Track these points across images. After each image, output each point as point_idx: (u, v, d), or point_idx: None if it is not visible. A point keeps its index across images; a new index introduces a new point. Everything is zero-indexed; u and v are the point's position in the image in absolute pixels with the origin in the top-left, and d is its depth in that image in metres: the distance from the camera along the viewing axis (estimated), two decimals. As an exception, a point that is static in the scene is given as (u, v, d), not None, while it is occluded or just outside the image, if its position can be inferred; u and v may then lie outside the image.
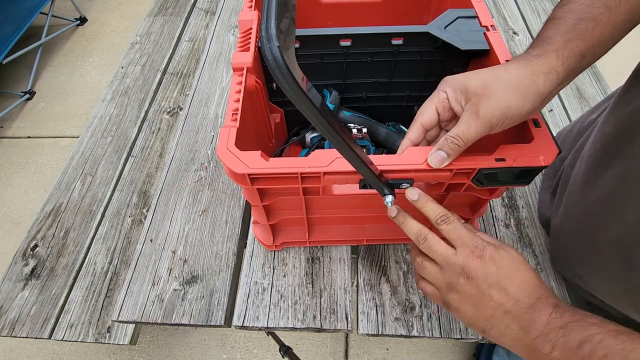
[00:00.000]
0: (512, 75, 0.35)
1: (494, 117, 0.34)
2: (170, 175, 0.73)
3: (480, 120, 0.34)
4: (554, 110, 0.83)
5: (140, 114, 0.91)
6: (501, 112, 0.34)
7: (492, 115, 0.34)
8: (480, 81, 0.35)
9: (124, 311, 0.58)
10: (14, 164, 1.69)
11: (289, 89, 0.25)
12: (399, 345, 1.21)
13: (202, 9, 1.16)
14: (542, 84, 0.34)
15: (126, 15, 2.33)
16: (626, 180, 0.41)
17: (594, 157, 0.48)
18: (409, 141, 0.40)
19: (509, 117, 0.35)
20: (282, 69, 0.24)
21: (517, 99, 0.34)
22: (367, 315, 0.56)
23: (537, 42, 0.37)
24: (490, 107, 0.34)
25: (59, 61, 2.09)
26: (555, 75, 0.34)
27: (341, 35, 0.52)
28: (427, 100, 0.40)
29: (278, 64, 0.24)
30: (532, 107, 0.35)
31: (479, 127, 0.35)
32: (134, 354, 1.24)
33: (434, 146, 0.37)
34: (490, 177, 0.40)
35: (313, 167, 0.39)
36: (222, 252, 0.64)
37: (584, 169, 0.50)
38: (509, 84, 0.34)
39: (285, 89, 0.25)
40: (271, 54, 0.24)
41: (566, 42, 0.35)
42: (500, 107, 0.34)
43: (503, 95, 0.34)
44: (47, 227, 0.76)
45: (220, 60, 0.94)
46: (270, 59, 0.24)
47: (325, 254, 0.62)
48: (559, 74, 0.35)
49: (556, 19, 0.37)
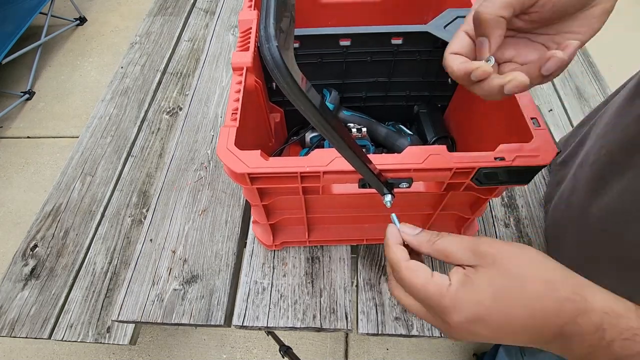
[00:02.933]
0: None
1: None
2: (170, 175, 0.73)
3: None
4: (553, 110, 0.84)
5: (140, 113, 0.91)
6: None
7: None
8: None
9: (124, 311, 0.58)
10: (13, 164, 1.69)
11: (288, 89, 0.25)
12: (398, 345, 1.21)
13: (202, 8, 1.16)
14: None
15: (126, 15, 2.33)
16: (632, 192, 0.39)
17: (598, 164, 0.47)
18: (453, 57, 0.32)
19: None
20: (281, 69, 0.24)
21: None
22: (366, 315, 0.56)
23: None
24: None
25: (58, 61, 2.09)
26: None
27: (341, 35, 0.52)
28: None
29: (277, 64, 0.24)
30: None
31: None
32: (133, 354, 1.24)
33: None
34: (489, 176, 0.40)
35: (313, 167, 0.39)
36: (222, 251, 0.64)
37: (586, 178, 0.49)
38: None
39: (284, 88, 0.25)
40: (270, 53, 0.24)
41: None
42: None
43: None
44: (47, 227, 0.76)
45: (220, 60, 0.94)
46: (269, 59, 0.24)
47: (325, 254, 0.62)
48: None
49: None
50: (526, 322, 0.25)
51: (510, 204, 0.68)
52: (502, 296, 0.26)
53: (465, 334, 0.27)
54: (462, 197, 0.51)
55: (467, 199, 0.52)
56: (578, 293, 0.25)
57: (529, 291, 0.26)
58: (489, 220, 0.66)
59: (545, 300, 0.25)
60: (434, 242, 0.30)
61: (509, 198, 0.69)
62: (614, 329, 0.24)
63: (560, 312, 0.25)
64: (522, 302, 0.25)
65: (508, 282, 0.26)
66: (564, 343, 0.26)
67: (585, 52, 0.94)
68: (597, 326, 0.24)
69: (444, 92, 0.63)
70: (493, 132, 0.50)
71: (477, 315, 0.26)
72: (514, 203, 0.68)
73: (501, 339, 0.27)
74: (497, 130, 0.49)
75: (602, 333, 0.24)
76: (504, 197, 0.69)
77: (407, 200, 0.51)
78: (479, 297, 0.26)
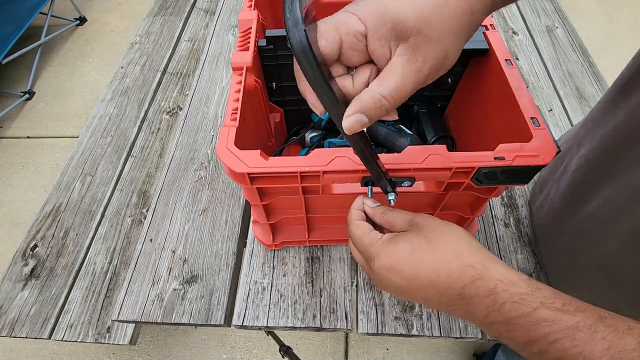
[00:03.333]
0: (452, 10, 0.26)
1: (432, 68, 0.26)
2: (170, 175, 0.73)
3: (417, 72, 0.26)
4: (553, 110, 0.84)
5: (140, 113, 0.91)
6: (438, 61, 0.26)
7: (430, 65, 0.26)
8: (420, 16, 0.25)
9: (124, 311, 0.58)
10: (13, 164, 1.69)
11: (312, 76, 0.25)
12: (398, 345, 1.21)
13: (202, 8, 1.16)
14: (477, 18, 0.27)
15: (126, 15, 2.33)
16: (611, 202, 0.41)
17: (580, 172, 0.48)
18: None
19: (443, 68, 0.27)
20: (308, 55, 0.23)
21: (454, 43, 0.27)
22: (366, 315, 0.56)
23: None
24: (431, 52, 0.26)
25: (58, 61, 2.09)
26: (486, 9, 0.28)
27: (341, 34, 0.52)
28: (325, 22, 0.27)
29: (304, 51, 0.23)
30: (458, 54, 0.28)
31: (414, 81, 0.26)
32: (133, 354, 1.24)
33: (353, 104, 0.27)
34: (489, 175, 0.40)
35: (312, 166, 0.39)
36: (222, 251, 0.64)
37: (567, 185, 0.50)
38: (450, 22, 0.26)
39: (308, 75, 0.25)
40: (297, 38, 0.23)
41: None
42: (438, 56, 0.26)
43: (443, 39, 0.26)
44: (47, 227, 0.76)
45: (220, 60, 0.94)
46: (296, 43, 0.23)
47: (325, 254, 0.62)
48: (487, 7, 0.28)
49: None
50: (432, 279, 0.30)
51: (510, 204, 0.68)
52: (415, 254, 0.31)
53: (383, 280, 0.33)
54: (462, 197, 0.51)
55: (467, 198, 0.52)
56: (480, 263, 0.30)
57: (439, 254, 0.31)
58: (489, 220, 0.66)
59: (451, 264, 0.30)
60: (384, 214, 0.36)
61: (509, 198, 0.69)
62: (505, 293, 0.28)
63: (461, 275, 0.29)
64: (431, 261, 0.30)
65: (424, 245, 0.31)
66: (466, 306, 0.29)
67: (585, 52, 0.94)
68: (491, 290, 0.28)
69: (444, 91, 0.63)
70: (493, 132, 0.50)
71: (391, 264, 0.32)
72: (514, 203, 0.68)
73: (414, 293, 0.32)
74: (497, 130, 0.49)
75: (495, 296, 0.28)
76: (504, 197, 0.69)
77: (407, 199, 0.51)
78: (397, 250, 0.32)
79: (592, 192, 0.44)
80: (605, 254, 0.43)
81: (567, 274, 0.52)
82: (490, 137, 0.42)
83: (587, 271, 0.47)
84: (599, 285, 0.46)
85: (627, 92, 0.41)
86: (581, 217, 0.46)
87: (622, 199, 0.40)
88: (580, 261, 0.47)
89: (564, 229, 0.51)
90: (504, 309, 0.27)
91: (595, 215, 0.44)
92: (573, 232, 0.48)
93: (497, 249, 0.62)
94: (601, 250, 0.43)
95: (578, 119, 0.81)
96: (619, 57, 0.40)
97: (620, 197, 0.40)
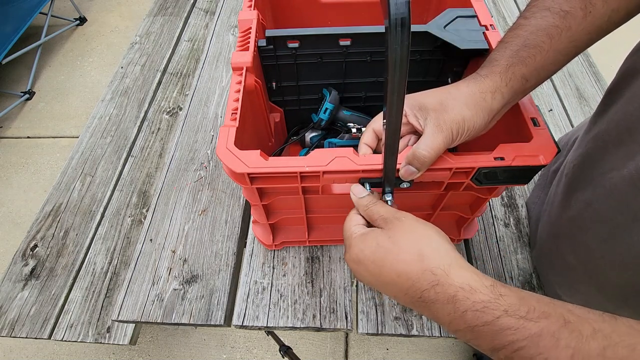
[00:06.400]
0: (462, 92, 0.38)
1: (453, 129, 0.36)
2: (170, 175, 0.73)
3: (443, 133, 0.36)
4: (553, 110, 0.84)
5: (140, 114, 0.91)
6: (458, 124, 0.36)
7: (452, 128, 0.36)
8: (436, 99, 0.38)
9: (124, 311, 0.58)
10: (13, 164, 1.69)
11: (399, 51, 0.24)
12: (398, 345, 1.21)
13: (202, 8, 1.16)
14: (490, 101, 0.37)
15: (126, 15, 2.33)
16: (591, 205, 0.42)
17: (568, 177, 0.49)
18: (365, 146, 0.42)
19: (466, 128, 0.37)
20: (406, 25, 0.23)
21: (470, 112, 0.37)
22: (366, 315, 0.56)
23: (485, 63, 0.39)
24: (449, 120, 0.37)
25: (58, 61, 2.09)
26: (500, 94, 0.37)
27: (340, 34, 0.52)
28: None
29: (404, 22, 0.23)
30: (484, 121, 0.37)
31: (443, 140, 0.36)
32: (133, 354, 1.24)
33: (404, 159, 0.38)
34: (489, 176, 0.40)
35: (312, 167, 0.39)
36: (222, 251, 0.64)
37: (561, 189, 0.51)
38: (461, 99, 0.37)
39: (394, 49, 0.24)
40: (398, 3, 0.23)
41: (509, 66, 0.37)
42: (457, 120, 0.36)
43: (457, 109, 0.37)
44: (47, 227, 0.76)
45: (220, 60, 0.94)
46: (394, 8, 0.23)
47: (325, 254, 0.62)
48: (503, 94, 0.37)
49: (504, 42, 0.39)
50: (393, 279, 0.32)
51: (510, 204, 0.68)
52: (378, 253, 0.33)
53: (354, 271, 0.35)
54: (462, 197, 0.51)
55: (467, 198, 0.52)
56: (441, 268, 0.30)
57: (401, 257, 0.31)
58: (489, 220, 0.66)
59: (411, 266, 0.31)
60: (367, 208, 0.37)
61: (509, 198, 0.69)
62: (467, 301, 0.28)
63: (420, 279, 0.30)
64: (392, 263, 0.32)
65: (390, 245, 0.32)
66: (428, 309, 0.30)
67: (586, 52, 0.94)
68: (451, 297, 0.29)
69: (444, 92, 0.63)
70: (493, 132, 0.50)
71: (358, 259, 0.34)
72: (514, 203, 0.68)
73: (382, 288, 0.33)
74: (497, 130, 0.49)
75: (455, 304, 0.28)
76: (504, 197, 0.69)
77: (408, 199, 0.51)
78: (363, 247, 0.34)
79: (575, 197, 0.46)
80: (590, 258, 0.44)
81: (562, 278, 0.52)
82: (490, 137, 0.42)
83: (577, 275, 0.48)
84: (588, 289, 0.47)
85: (608, 102, 0.43)
86: (568, 220, 0.48)
87: (599, 203, 0.41)
88: (570, 265, 0.48)
89: (555, 231, 0.52)
90: (466, 316, 0.28)
91: (578, 219, 0.45)
92: (562, 235, 0.50)
93: (497, 249, 0.63)
94: (586, 254, 0.45)
95: (578, 119, 0.81)
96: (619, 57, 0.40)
97: (597, 201, 0.41)
